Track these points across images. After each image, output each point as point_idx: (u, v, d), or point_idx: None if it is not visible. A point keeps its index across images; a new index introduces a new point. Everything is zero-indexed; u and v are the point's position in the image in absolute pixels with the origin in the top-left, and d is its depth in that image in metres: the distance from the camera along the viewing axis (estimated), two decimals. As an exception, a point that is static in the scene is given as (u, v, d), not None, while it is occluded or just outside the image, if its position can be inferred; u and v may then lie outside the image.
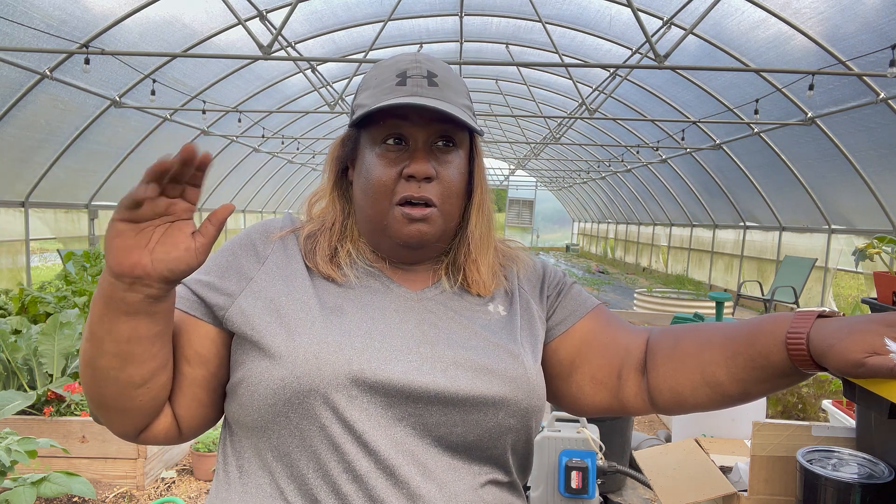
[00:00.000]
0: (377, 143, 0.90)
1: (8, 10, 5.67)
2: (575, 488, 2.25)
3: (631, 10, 5.88)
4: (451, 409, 0.83)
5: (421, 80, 0.90)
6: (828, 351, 0.77)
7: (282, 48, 7.97)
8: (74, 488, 2.15)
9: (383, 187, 0.88)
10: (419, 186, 0.88)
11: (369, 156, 0.90)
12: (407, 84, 0.89)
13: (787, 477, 1.45)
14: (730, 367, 0.88)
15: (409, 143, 0.89)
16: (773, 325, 0.85)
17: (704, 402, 0.92)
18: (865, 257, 1.83)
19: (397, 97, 0.87)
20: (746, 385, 0.88)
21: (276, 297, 0.87)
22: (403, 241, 0.90)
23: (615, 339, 0.99)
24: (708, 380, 0.90)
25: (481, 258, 0.96)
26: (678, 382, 0.92)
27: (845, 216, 8.92)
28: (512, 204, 29.96)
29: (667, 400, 0.94)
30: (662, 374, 0.94)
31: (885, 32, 5.96)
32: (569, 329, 1.00)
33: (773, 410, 3.45)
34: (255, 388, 0.82)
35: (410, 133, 0.89)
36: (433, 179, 0.89)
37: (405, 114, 0.88)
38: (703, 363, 0.90)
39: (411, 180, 0.88)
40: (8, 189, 7.56)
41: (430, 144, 0.90)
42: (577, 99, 10.54)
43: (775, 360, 0.83)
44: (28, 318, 5.08)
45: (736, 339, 0.88)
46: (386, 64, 0.94)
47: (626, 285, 15.09)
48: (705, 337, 0.92)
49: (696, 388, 0.91)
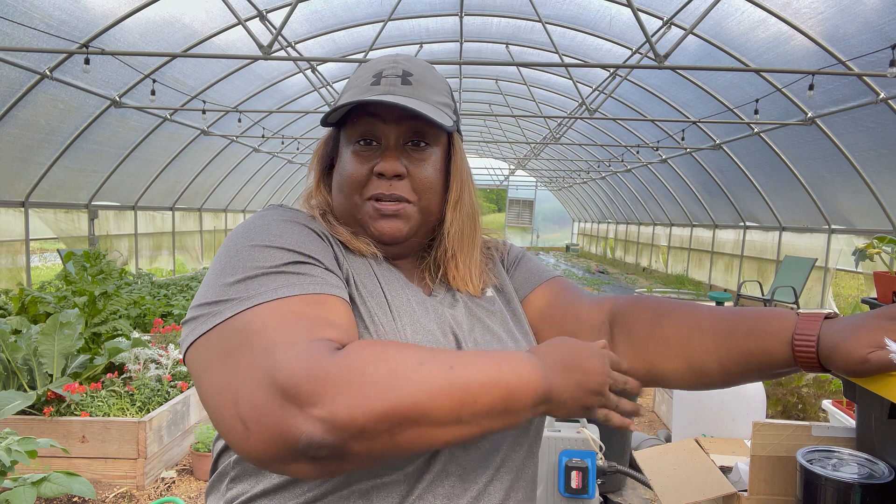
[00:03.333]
0: (351, 142, 0.92)
1: (8, 10, 5.66)
2: (575, 488, 2.25)
3: (631, 10, 5.88)
4: None
5: (395, 80, 0.90)
6: (833, 350, 0.78)
7: (282, 48, 7.97)
8: (74, 488, 2.15)
9: (355, 184, 0.90)
10: (390, 184, 0.89)
11: (345, 153, 0.93)
12: (381, 83, 0.90)
13: (787, 477, 1.45)
14: (721, 357, 0.87)
15: (381, 142, 0.90)
16: (779, 322, 0.84)
17: (681, 385, 0.92)
18: (865, 257, 1.83)
19: (369, 96, 0.88)
20: (733, 375, 0.87)
21: (366, 283, 0.88)
22: (377, 236, 0.91)
23: (569, 308, 1.00)
24: (693, 366, 0.89)
25: (460, 255, 0.96)
26: (660, 363, 0.91)
27: (845, 216, 8.92)
28: (512, 204, 29.96)
29: (641, 377, 0.91)
30: (642, 353, 0.92)
31: (885, 32, 5.96)
32: (524, 299, 1.02)
33: (773, 410, 3.45)
34: None
35: (382, 131, 0.90)
36: (403, 177, 0.90)
37: (377, 112, 0.89)
38: (691, 349, 0.89)
39: (381, 178, 0.89)
40: (8, 189, 7.56)
41: (403, 143, 0.91)
42: (577, 99, 10.54)
43: (777, 359, 0.83)
44: (28, 318, 5.08)
45: (733, 331, 0.86)
46: (368, 65, 0.95)
47: (626, 285, 15.09)
48: (693, 320, 0.91)
49: (678, 372, 0.90)
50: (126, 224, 10.54)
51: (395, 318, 0.84)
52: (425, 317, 0.87)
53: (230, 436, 0.65)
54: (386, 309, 0.85)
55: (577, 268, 19.70)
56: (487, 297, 0.98)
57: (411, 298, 0.89)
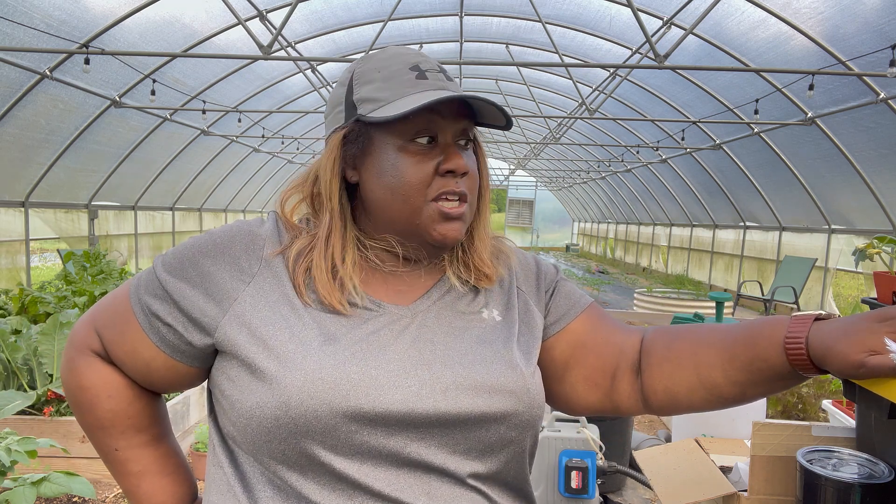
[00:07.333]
0: (404, 139, 0.85)
1: (8, 10, 5.66)
2: (575, 488, 2.25)
3: (631, 10, 5.88)
4: (453, 430, 0.82)
5: (439, 74, 0.88)
6: (827, 353, 0.77)
7: (282, 48, 7.97)
8: (74, 488, 2.15)
9: (419, 184, 0.85)
10: (457, 182, 0.86)
11: (392, 153, 0.86)
12: (428, 78, 0.87)
13: (787, 477, 1.45)
14: (726, 369, 0.87)
15: (437, 139, 0.87)
16: (772, 328, 0.84)
17: (699, 403, 0.91)
18: (865, 257, 1.83)
19: (427, 91, 0.85)
20: (743, 387, 0.87)
21: (261, 326, 0.82)
22: (439, 240, 0.87)
23: (609, 338, 0.97)
24: (704, 381, 0.89)
25: (484, 251, 0.95)
26: (673, 383, 0.91)
27: (845, 216, 8.92)
28: (512, 204, 29.96)
29: (661, 401, 0.92)
30: (657, 374, 0.92)
31: (885, 32, 5.96)
32: (563, 329, 0.98)
33: (773, 410, 3.45)
34: (248, 422, 0.80)
35: (440, 128, 0.86)
36: (466, 174, 0.87)
37: (437, 108, 0.85)
38: (700, 365, 0.89)
39: (448, 175, 0.85)
40: (8, 189, 7.56)
41: (456, 139, 0.88)
42: (577, 99, 10.53)
43: (774, 364, 0.83)
44: (28, 318, 5.07)
45: (734, 342, 0.87)
46: (385, 56, 0.90)
47: (626, 285, 15.09)
48: (701, 338, 0.91)
49: (691, 390, 0.90)
50: (126, 224, 10.54)
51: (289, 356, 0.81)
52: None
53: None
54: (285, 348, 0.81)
55: (577, 268, 19.69)
56: (481, 304, 0.94)
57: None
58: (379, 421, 0.78)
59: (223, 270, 0.86)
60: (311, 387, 0.77)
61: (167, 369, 0.89)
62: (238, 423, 0.81)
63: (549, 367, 0.97)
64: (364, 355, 0.81)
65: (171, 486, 0.96)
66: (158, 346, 0.87)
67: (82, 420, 0.94)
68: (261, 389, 0.79)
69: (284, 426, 0.77)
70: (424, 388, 0.81)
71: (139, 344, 0.88)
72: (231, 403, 0.82)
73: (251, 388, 0.80)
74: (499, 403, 0.83)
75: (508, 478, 0.88)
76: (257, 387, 0.79)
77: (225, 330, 0.83)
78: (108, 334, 0.91)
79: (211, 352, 0.87)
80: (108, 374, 0.92)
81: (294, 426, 0.77)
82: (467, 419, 0.81)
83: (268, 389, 0.78)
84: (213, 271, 0.85)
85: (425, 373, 0.82)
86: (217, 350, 0.86)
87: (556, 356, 0.97)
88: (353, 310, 0.86)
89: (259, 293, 0.85)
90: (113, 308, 0.91)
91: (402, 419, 0.79)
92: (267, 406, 0.78)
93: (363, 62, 0.92)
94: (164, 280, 0.86)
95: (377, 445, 0.79)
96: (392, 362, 0.82)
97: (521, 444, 0.87)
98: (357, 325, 0.84)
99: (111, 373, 0.92)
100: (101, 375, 0.92)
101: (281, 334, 0.81)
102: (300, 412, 0.77)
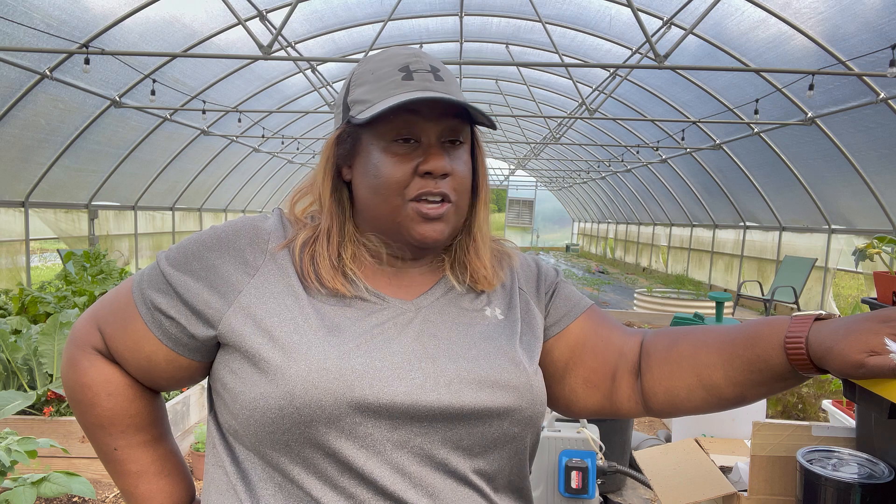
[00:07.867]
0: (386, 140, 0.86)
1: (8, 10, 5.66)
2: (575, 488, 2.25)
3: (631, 10, 5.88)
4: (456, 424, 0.82)
5: (427, 75, 0.87)
6: (827, 353, 0.77)
7: (282, 48, 7.97)
8: (74, 488, 2.15)
9: (397, 185, 0.85)
10: (436, 183, 0.86)
11: (376, 153, 0.86)
12: (414, 79, 0.86)
13: (787, 477, 1.45)
14: (727, 370, 0.87)
15: (420, 139, 0.86)
16: (771, 328, 0.84)
17: (700, 404, 0.91)
18: (865, 257, 1.83)
19: (407, 92, 0.84)
20: (744, 388, 0.87)
21: (266, 317, 0.83)
22: (418, 241, 0.87)
23: (609, 340, 0.98)
24: (704, 382, 0.89)
25: (484, 253, 0.95)
26: (673, 385, 0.91)
27: (845, 216, 8.92)
28: (512, 204, 29.96)
29: (661, 402, 0.92)
30: (657, 376, 0.92)
31: (885, 32, 5.96)
32: (563, 330, 0.98)
33: (773, 410, 3.45)
34: (251, 414, 0.80)
35: (422, 129, 0.86)
36: (448, 175, 0.86)
37: (416, 109, 0.85)
38: (700, 366, 0.89)
39: (427, 177, 0.85)
40: (8, 189, 7.56)
41: (441, 140, 0.87)
42: (577, 99, 10.54)
43: (774, 364, 0.83)
44: (28, 318, 5.07)
45: (734, 343, 0.87)
46: (381, 58, 0.91)
47: (626, 285, 15.09)
48: (701, 339, 0.91)
49: (691, 391, 0.90)
50: (126, 224, 10.54)
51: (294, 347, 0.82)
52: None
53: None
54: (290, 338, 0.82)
55: (577, 268, 19.69)
56: (484, 302, 0.94)
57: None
58: (383, 413, 0.79)
59: (228, 263, 0.86)
60: (315, 377, 0.77)
61: (168, 363, 0.89)
62: (241, 415, 0.81)
63: (548, 368, 0.97)
64: (368, 347, 0.82)
65: (170, 486, 0.96)
66: (160, 340, 0.87)
67: (82, 418, 0.94)
68: (265, 380, 0.79)
69: (289, 416, 0.77)
70: (429, 381, 0.81)
71: (141, 338, 0.88)
72: (234, 396, 0.82)
73: (254, 379, 0.80)
74: (502, 398, 0.84)
75: (509, 476, 0.88)
76: (261, 378, 0.79)
77: (230, 321, 0.83)
78: (110, 330, 0.91)
79: (213, 345, 0.87)
80: (109, 373, 0.92)
81: (298, 417, 0.77)
82: (471, 413, 0.82)
83: (272, 380, 0.78)
84: (218, 264, 0.86)
85: (430, 366, 0.83)
86: (219, 343, 0.86)
87: (556, 358, 0.97)
88: (358, 302, 0.86)
89: (264, 285, 0.85)
90: (115, 304, 0.91)
91: (406, 411, 0.79)
92: (271, 396, 0.78)
93: (362, 63, 0.93)
94: (168, 273, 0.86)
95: (381, 438, 0.79)
96: (396, 355, 0.82)
97: (522, 440, 0.87)
98: (361, 318, 0.85)
99: (112, 371, 0.92)
100: (102, 373, 0.92)
101: (286, 325, 0.82)
102: (305, 402, 0.77)
